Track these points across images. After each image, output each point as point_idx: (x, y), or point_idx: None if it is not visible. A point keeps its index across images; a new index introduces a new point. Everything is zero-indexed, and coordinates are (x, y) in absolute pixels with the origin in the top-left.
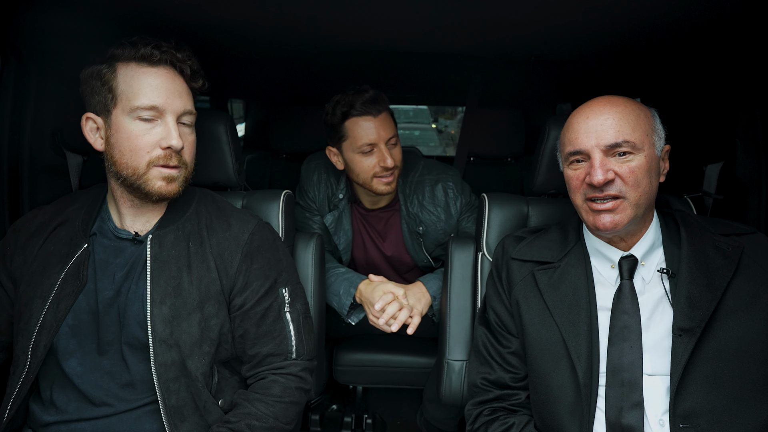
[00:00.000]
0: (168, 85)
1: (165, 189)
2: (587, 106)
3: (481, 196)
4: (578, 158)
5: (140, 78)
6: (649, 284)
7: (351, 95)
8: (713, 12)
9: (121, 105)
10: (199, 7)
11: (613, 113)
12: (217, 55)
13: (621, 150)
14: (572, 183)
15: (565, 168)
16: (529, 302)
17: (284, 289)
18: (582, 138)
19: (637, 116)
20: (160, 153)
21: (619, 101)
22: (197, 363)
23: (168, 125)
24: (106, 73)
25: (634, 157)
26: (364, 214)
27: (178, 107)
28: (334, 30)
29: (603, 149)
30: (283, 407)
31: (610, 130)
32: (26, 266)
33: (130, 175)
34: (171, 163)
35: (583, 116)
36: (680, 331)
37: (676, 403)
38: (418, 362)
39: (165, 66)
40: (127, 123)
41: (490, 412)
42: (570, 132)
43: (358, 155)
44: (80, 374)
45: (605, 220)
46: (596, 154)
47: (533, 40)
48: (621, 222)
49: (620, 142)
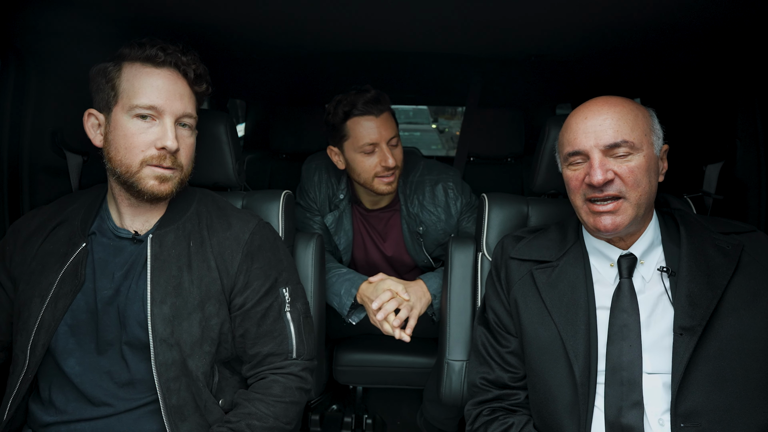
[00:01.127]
0: (169, 86)
1: (157, 188)
2: (585, 106)
3: (481, 196)
4: (577, 159)
5: (143, 78)
6: (648, 283)
7: (353, 95)
8: (713, 12)
9: (122, 103)
10: (199, 7)
11: (612, 113)
12: (217, 55)
13: (620, 150)
14: (571, 183)
15: (564, 168)
16: (527, 301)
17: (285, 289)
18: (581, 138)
19: (635, 116)
20: (155, 153)
21: (617, 101)
22: (198, 362)
23: (165, 126)
24: (112, 71)
25: (633, 157)
26: (364, 215)
27: (178, 109)
28: (334, 30)
29: (602, 149)
30: (283, 407)
31: (609, 130)
32: (25, 266)
33: (124, 172)
34: (164, 164)
35: (581, 116)
36: (681, 330)
37: (677, 403)
38: (418, 362)
39: (169, 68)
40: (125, 121)
41: (490, 412)
42: (569, 132)
43: (359, 155)
44: (79, 374)
45: (606, 221)
46: (595, 154)
47: (533, 40)
48: (622, 223)
49: (619, 141)
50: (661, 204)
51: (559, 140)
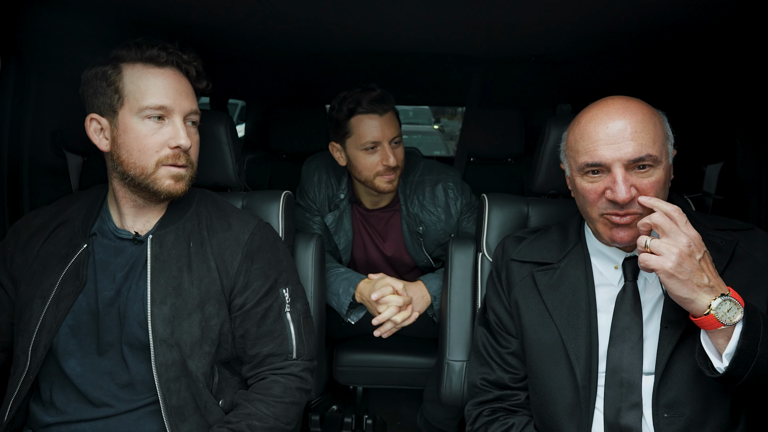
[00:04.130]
0: (175, 85)
1: (173, 188)
2: (601, 111)
3: (481, 197)
4: (595, 169)
5: (148, 78)
6: (650, 285)
7: (358, 92)
8: (713, 12)
9: (129, 105)
10: (199, 8)
11: (633, 122)
12: (217, 55)
13: (643, 163)
14: (589, 196)
15: (578, 178)
16: (528, 303)
17: (285, 290)
18: (602, 150)
19: (654, 125)
20: (169, 152)
21: (635, 106)
22: (198, 363)
23: (176, 125)
24: (112, 74)
25: (654, 171)
26: (364, 214)
27: (185, 107)
28: (334, 30)
29: (625, 164)
30: (283, 407)
31: (632, 142)
32: (26, 267)
33: (138, 174)
34: (179, 162)
35: (600, 124)
36: (667, 323)
37: (659, 393)
38: (418, 363)
39: (171, 67)
40: (135, 123)
41: (490, 413)
42: (586, 141)
43: (361, 152)
44: (80, 374)
45: (623, 234)
46: (618, 170)
47: (533, 40)
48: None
49: (644, 156)
50: None
51: (569, 144)
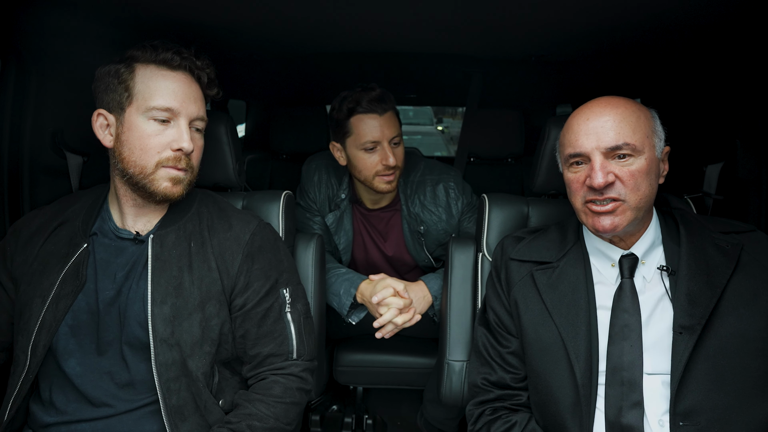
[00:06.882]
0: (185, 89)
1: (170, 190)
2: (587, 107)
3: (482, 197)
4: (578, 160)
5: (158, 80)
6: (649, 283)
7: (358, 92)
8: (713, 12)
9: (136, 104)
10: (199, 8)
11: (613, 114)
12: (217, 55)
13: (621, 152)
14: (572, 186)
15: (565, 170)
16: (528, 303)
17: (285, 290)
18: (582, 140)
19: (637, 118)
20: (170, 154)
21: (619, 102)
22: (198, 363)
23: (180, 128)
24: (124, 73)
25: (634, 160)
26: (365, 214)
27: (192, 112)
28: (334, 30)
29: (603, 151)
30: (284, 408)
31: (611, 132)
32: (26, 266)
33: (137, 173)
34: (180, 165)
35: (583, 118)
36: (681, 329)
37: (676, 401)
38: (419, 363)
39: (184, 71)
40: (140, 122)
41: (492, 412)
42: (570, 134)
43: (361, 152)
44: (79, 374)
45: (605, 222)
46: (596, 157)
47: (533, 40)
48: (620, 224)
49: (621, 144)
50: (661, 203)
51: (560, 141)
